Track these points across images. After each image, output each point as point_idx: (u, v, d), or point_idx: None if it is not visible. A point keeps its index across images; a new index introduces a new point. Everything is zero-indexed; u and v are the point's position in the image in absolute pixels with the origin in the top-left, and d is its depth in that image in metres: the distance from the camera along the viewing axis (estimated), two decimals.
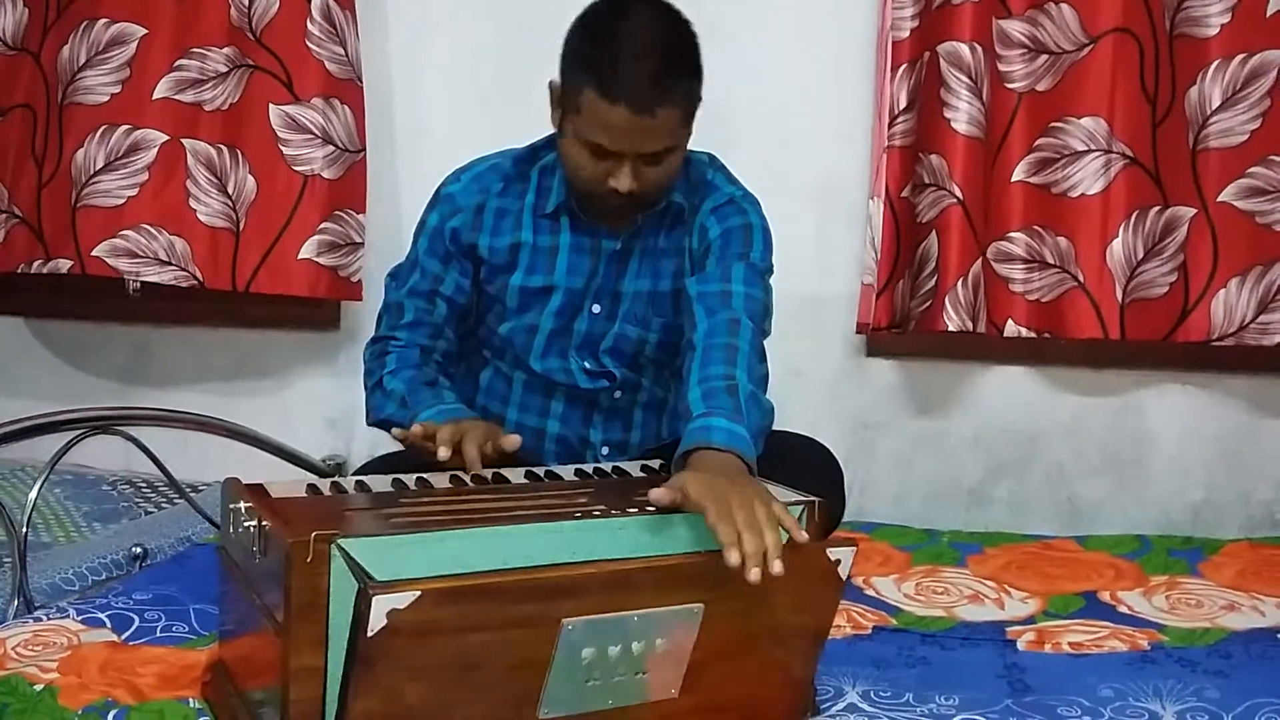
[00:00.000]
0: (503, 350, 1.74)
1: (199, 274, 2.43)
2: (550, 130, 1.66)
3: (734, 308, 1.57)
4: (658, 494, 1.25)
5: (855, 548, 1.28)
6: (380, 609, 1.06)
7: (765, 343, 1.61)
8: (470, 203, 1.70)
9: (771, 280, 1.69)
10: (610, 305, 1.70)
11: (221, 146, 2.43)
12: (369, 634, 1.06)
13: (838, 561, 1.28)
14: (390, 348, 1.73)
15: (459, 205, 1.70)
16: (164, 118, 2.41)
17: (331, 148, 2.40)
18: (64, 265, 2.42)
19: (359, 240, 2.43)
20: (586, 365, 1.72)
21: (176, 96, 2.41)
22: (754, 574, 1.14)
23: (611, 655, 1.20)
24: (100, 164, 2.41)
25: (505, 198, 1.70)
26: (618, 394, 1.75)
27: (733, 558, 1.15)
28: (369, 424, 1.74)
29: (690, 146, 1.75)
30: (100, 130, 2.41)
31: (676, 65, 1.52)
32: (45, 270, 2.44)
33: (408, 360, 1.71)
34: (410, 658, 1.11)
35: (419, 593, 1.08)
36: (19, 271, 2.46)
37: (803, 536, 1.21)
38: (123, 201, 2.41)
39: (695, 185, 1.71)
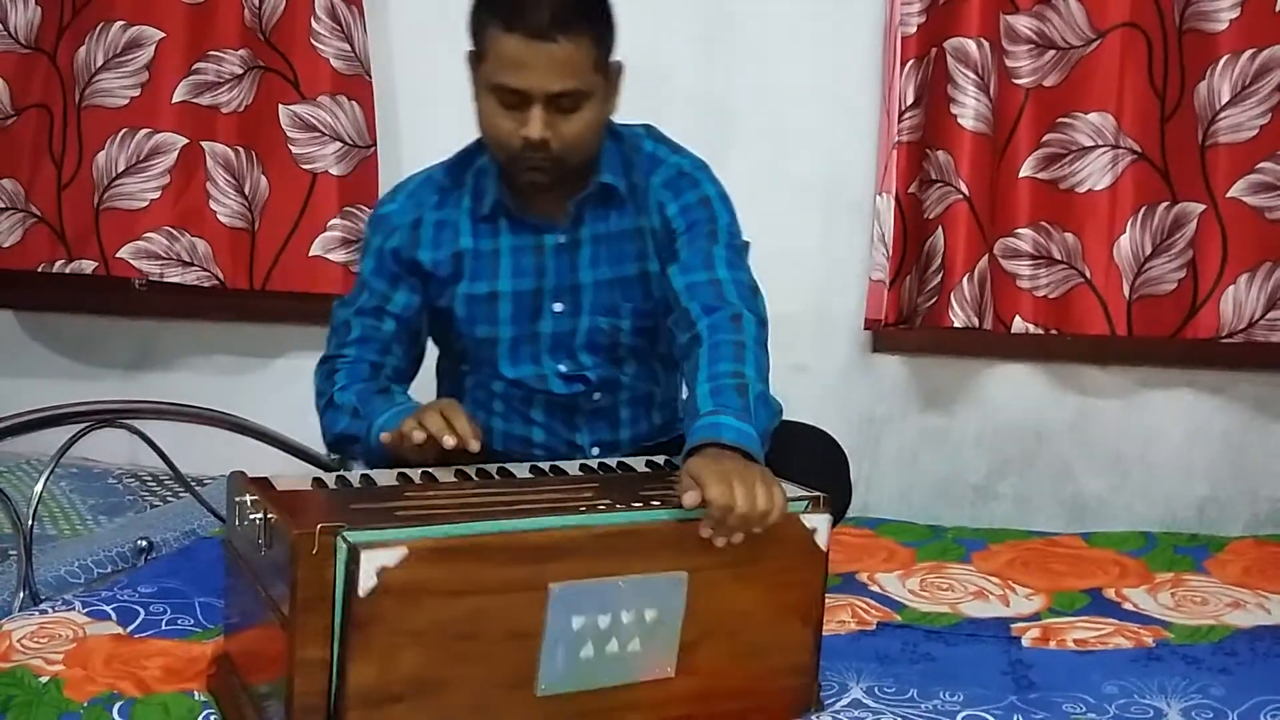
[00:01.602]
0: (477, 363, 1.73)
1: (220, 274, 2.46)
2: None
3: (729, 300, 1.55)
4: (688, 499, 1.25)
5: (830, 515, 1.33)
6: (370, 566, 1.08)
7: (772, 336, 1.60)
8: (406, 220, 1.69)
9: (749, 253, 1.66)
10: (572, 300, 1.67)
11: (239, 148, 2.45)
12: (360, 594, 1.07)
13: (814, 530, 1.31)
14: (338, 365, 1.71)
15: (395, 225, 1.69)
16: (183, 121, 2.43)
17: (340, 144, 2.41)
18: (88, 266, 2.45)
19: None
20: (562, 368, 1.69)
21: (195, 100, 2.42)
22: (719, 541, 1.24)
23: (602, 624, 1.22)
24: (121, 167, 2.43)
25: (443, 209, 1.69)
26: (597, 396, 1.72)
27: (704, 531, 1.24)
28: (326, 446, 1.71)
29: (687, 139, 1.75)
30: (121, 133, 2.43)
31: (578, 1, 1.52)
32: (68, 270, 2.46)
33: (357, 375, 1.69)
34: (403, 620, 1.13)
35: (407, 550, 1.11)
36: (39, 270, 2.48)
37: (774, 518, 1.25)
38: (145, 204, 2.43)
39: (635, 162, 1.68)
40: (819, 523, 1.32)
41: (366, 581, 1.08)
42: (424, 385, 1.81)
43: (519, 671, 1.21)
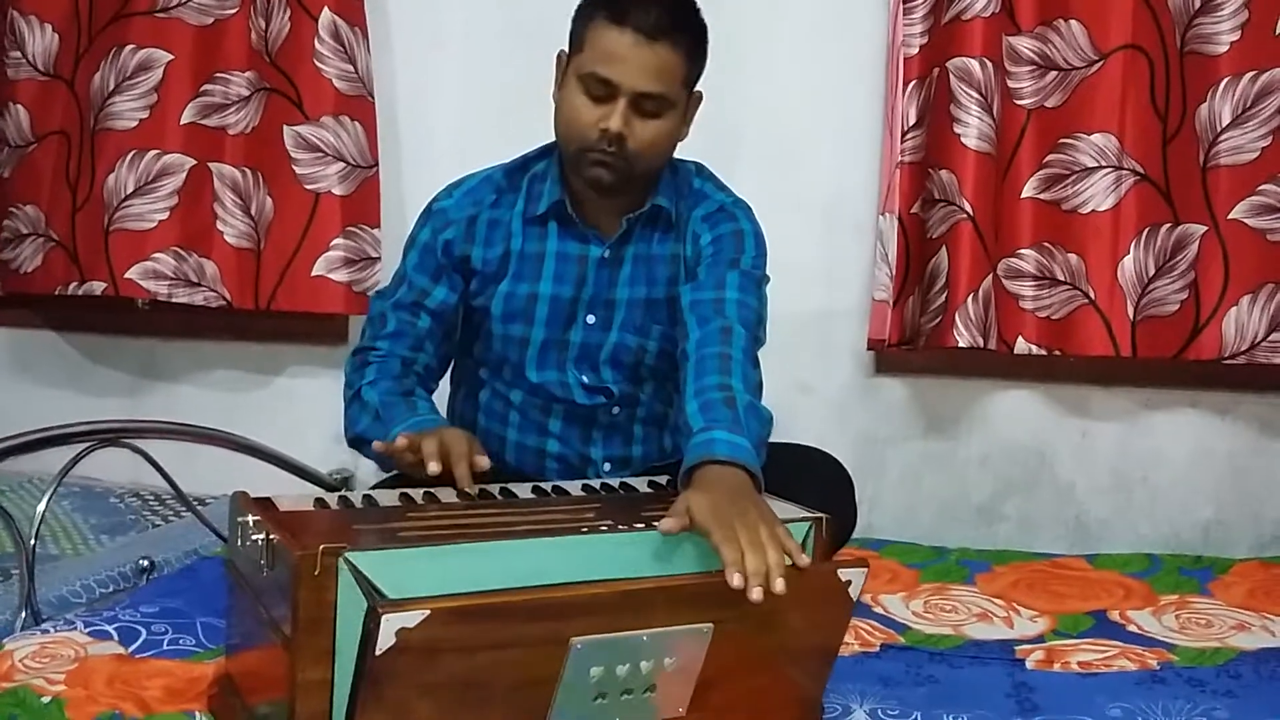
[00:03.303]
0: (499, 366, 1.74)
1: (227, 294, 2.47)
2: (525, 144, 1.70)
3: (726, 315, 1.57)
4: (666, 525, 1.24)
5: (866, 568, 1.28)
6: (390, 628, 1.06)
7: (776, 357, 1.61)
8: (463, 216, 1.70)
9: (768, 289, 1.68)
10: (605, 314, 1.70)
11: (245, 169, 2.46)
12: (377, 653, 1.06)
13: (848, 582, 1.27)
14: (371, 358, 1.72)
15: (451, 219, 1.70)
16: (190, 142, 2.44)
17: (343, 164, 2.42)
18: (98, 287, 2.46)
19: (374, 255, 2.45)
20: (585, 379, 1.71)
21: (202, 121, 2.44)
22: (756, 593, 1.14)
23: (620, 674, 1.19)
24: (131, 188, 2.44)
25: (497, 209, 1.71)
26: (616, 410, 1.74)
27: (735, 580, 1.15)
28: (347, 441, 1.71)
29: (692, 158, 1.77)
30: (130, 155, 2.44)
31: (685, 15, 1.59)
32: (81, 292, 2.47)
33: (387, 371, 1.70)
34: (418, 676, 1.11)
35: (428, 612, 1.07)
36: (56, 294, 2.49)
37: (804, 560, 1.20)
38: (154, 225, 2.44)
39: (684, 193, 1.72)
40: (854, 576, 1.27)
41: (385, 641, 1.06)
42: (442, 392, 1.82)
43: (530, 714, 1.19)
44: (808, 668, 1.33)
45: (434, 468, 1.42)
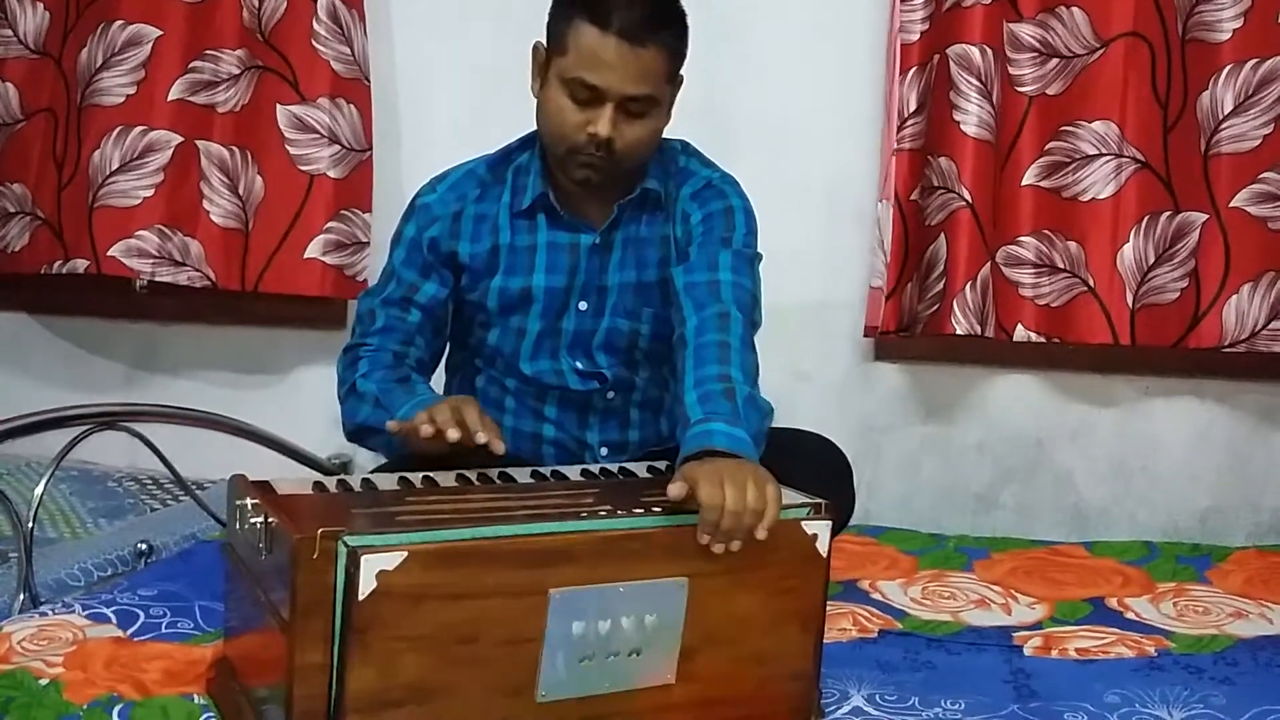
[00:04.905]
0: (493, 358, 1.74)
1: (212, 274, 2.44)
2: (522, 132, 1.68)
3: (723, 299, 1.56)
4: (674, 490, 1.26)
5: (830, 522, 1.32)
6: (370, 570, 1.08)
7: (775, 343, 1.60)
8: (447, 211, 1.69)
9: (760, 268, 1.67)
10: (597, 301, 1.69)
11: (234, 148, 2.44)
12: (360, 598, 1.07)
13: (814, 536, 1.31)
14: (362, 354, 1.71)
15: (435, 214, 1.69)
16: (178, 119, 2.41)
17: (338, 147, 2.40)
18: (81, 265, 2.43)
19: (365, 240, 2.44)
20: (578, 365, 1.71)
21: (190, 98, 2.42)
22: (717, 547, 1.24)
23: (602, 630, 1.22)
24: (116, 165, 2.41)
25: (482, 203, 1.69)
26: (611, 394, 1.73)
27: (702, 539, 1.24)
28: (346, 435, 1.71)
29: (692, 142, 1.76)
30: (116, 131, 2.41)
31: (667, 11, 1.58)
32: (64, 271, 2.44)
33: (379, 363, 1.69)
34: (402, 625, 1.13)
35: (406, 553, 1.10)
36: (41, 272, 2.47)
37: (761, 534, 1.24)
38: (138, 202, 2.41)
39: (671, 171, 1.71)
40: (819, 529, 1.31)
41: (366, 585, 1.08)
42: (436, 384, 1.81)
43: (519, 677, 1.21)
44: (792, 636, 1.33)
45: (454, 434, 1.41)
